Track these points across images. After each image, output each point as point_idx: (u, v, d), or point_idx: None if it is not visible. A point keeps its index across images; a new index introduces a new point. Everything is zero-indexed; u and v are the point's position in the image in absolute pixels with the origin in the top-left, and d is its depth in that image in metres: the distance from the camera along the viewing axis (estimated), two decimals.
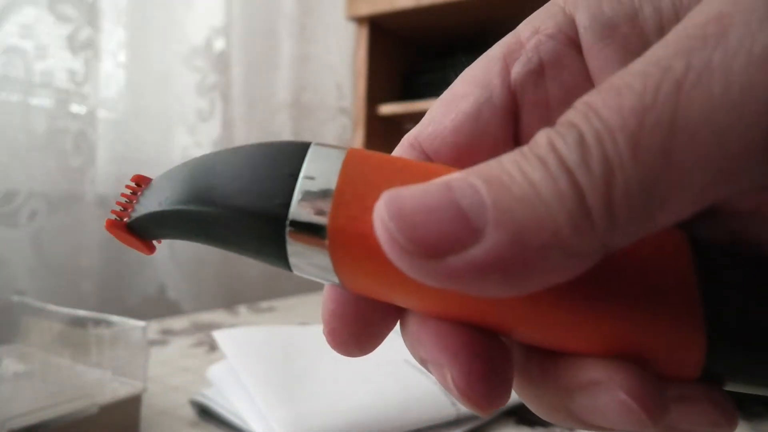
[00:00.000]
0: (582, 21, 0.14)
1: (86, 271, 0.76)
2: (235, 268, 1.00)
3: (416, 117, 1.03)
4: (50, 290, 0.72)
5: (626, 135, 0.10)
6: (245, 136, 1.02)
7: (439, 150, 0.15)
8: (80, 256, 0.75)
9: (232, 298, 0.97)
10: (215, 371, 0.41)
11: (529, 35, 0.15)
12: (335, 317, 0.14)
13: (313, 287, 1.04)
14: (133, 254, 0.86)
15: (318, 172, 0.13)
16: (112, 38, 0.82)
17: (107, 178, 0.81)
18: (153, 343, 0.59)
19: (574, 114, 0.11)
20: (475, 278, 0.11)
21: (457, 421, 0.37)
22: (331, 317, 0.14)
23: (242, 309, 0.80)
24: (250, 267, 1.04)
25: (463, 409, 0.37)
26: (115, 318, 0.37)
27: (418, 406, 0.36)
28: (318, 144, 0.14)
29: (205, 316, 0.74)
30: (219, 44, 0.91)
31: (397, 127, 1.10)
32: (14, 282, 0.68)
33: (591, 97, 0.11)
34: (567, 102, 0.13)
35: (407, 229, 0.11)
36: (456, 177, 0.11)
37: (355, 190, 0.13)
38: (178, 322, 0.70)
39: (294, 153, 0.14)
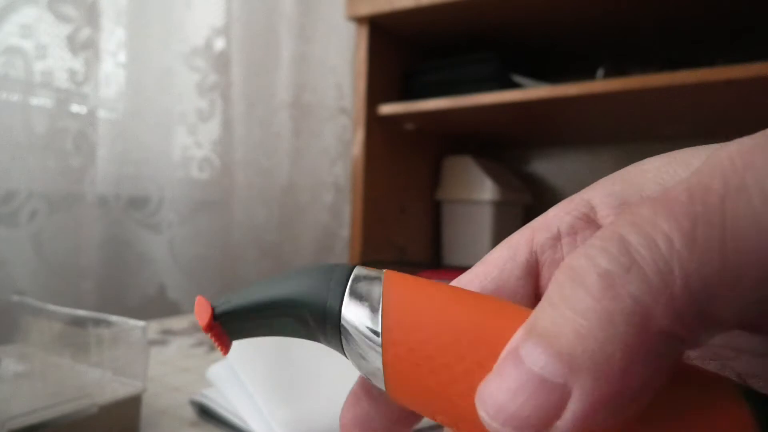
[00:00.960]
0: (596, 198, 0.17)
1: (86, 271, 0.76)
2: (235, 268, 1.00)
3: (416, 117, 1.03)
4: (50, 290, 0.72)
5: (682, 234, 0.11)
6: (245, 136, 1.02)
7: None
8: (80, 256, 0.75)
9: None
10: (215, 371, 0.41)
11: (554, 213, 0.18)
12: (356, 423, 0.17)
13: None
14: (133, 254, 0.86)
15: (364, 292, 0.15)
16: (112, 38, 0.82)
17: (107, 178, 0.81)
18: (153, 343, 0.59)
19: (613, 226, 0.12)
20: (590, 425, 0.11)
21: None
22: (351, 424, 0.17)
23: None
24: (249, 267, 1.04)
25: None
26: (115, 318, 0.37)
27: None
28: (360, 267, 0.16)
29: None
30: (219, 44, 0.91)
31: (397, 127, 1.10)
32: (14, 282, 0.68)
33: (634, 208, 0.12)
34: None
35: (508, 420, 0.12)
36: (519, 344, 0.12)
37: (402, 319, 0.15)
38: (178, 322, 0.70)
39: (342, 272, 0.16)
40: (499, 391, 0.12)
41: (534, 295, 0.17)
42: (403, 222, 1.12)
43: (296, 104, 1.11)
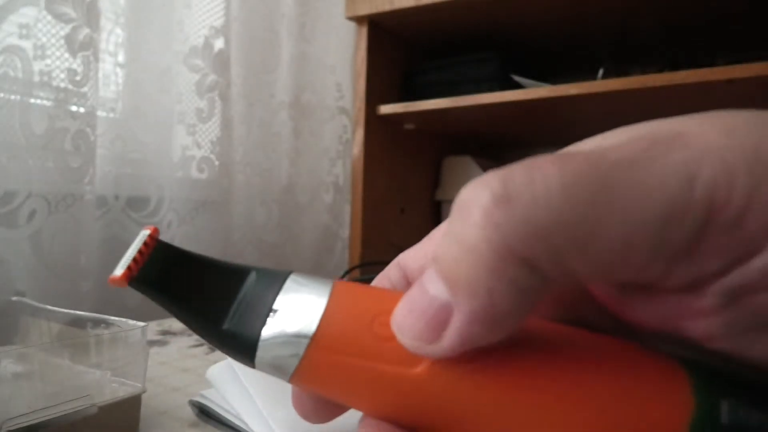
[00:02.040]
0: None
1: (85, 272, 0.76)
2: None
3: (416, 117, 1.03)
4: (50, 290, 0.71)
5: (563, 182, 0.12)
6: (245, 136, 1.02)
7: (411, 276, 0.19)
8: (80, 256, 0.75)
9: None
10: (215, 372, 0.40)
11: None
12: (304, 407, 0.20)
13: None
14: None
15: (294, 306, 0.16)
16: (111, 38, 0.82)
17: (106, 178, 0.81)
18: (153, 343, 0.59)
19: (509, 166, 0.13)
20: (470, 338, 0.13)
21: None
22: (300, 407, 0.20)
23: None
24: None
25: None
26: (114, 318, 0.37)
27: None
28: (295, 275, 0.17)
29: None
30: (218, 44, 0.91)
31: (397, 127, 1.10)
32: (14, 282, 0.68)
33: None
34: None
35: (406, 334, 0.14)
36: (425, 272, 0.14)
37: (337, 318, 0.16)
38: (177, 323, 0.70)
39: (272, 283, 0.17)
40: (402, 309, 0.14)
41: None
42: (403, 222, 1.12)
43: (296, 104, 1.11)
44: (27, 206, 0.69)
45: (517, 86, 0.94)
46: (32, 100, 0.69)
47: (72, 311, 0.38)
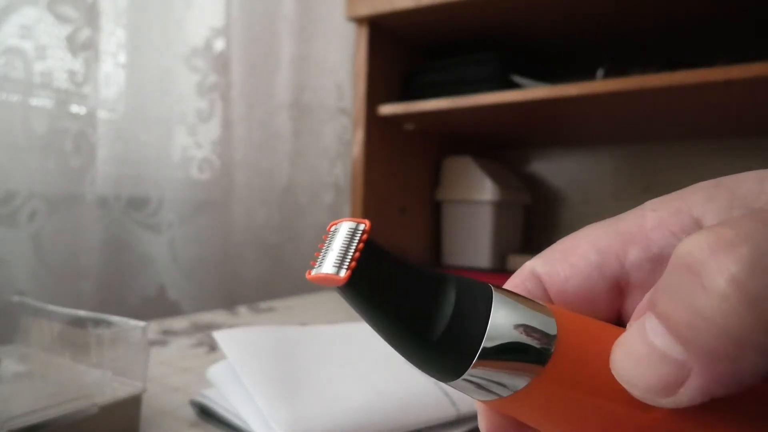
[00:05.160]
0: (699, 209, 0.16)
1: (86, 272, 0.76)
2: (235, 268, 1.00)
3: (416, 117, 1.03)
4: (50, 290, 0.72)
5: None
6: (245, 136, 1.02)
7: (552, 289, 0.17)
8: (80, 256, 0.75)
9: (232, 298, 0.97)
10: (215, 371, 0.41)
11: (654, 225, 0.16)
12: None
13: (312, 288, 1.04)
14: (133, 255, 0.86)
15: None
16: (112, 39, 0.82)
17: (107, 179, 0.81)
18: (153, 343, 0.59)
19: (744, 227, 0.13)
20: (710, 395, 0.13)
21: (457, 421, 0.37)
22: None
23: (242, 309, 0.80)
24: (250, 268, 1.04)
25: (463, 409, 0.37)
26: (115, 318, 0.37)
27: (418, 406, 0.36)
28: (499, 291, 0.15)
29: (205, 317, 0.74)
30: (219, 45, 0.91)
31: (397, 127, 1.10)
32: (14, 282, 0.68)
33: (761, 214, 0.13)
34: None
35: (635, 385, 0.14)
36: (645, 319, 0.14)
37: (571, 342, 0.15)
38: (178, 323, 0.70)
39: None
40: (626, 361, 0.14)
41: (617, 313, 0.17)
42: (403, 222, 1.12)
43: (296, 105, 1.11)
44: (28, 206, 0.69)
45: (517, 86, 0.94)
46: (33, 101, 0.69)
47: (73, 311, 0.38)
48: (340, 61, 1.19)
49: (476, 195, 1.14)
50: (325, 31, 1.16)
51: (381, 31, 1.03)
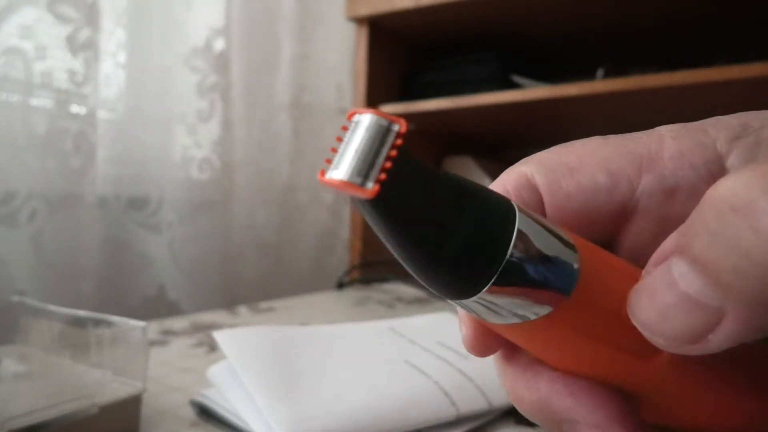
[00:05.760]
0: (735, 165, 0.15)
1: (86, 272, 0.76)
2: (235, 268, 1.00)
3: (416, 117, 1.03)
4: (50, 290, 0.72)
5: None
6: (245, 136, 1.02)
7: (550, 204, 0.16)
8: (80, 256, 0.75)
9: (232, 298, 0.97)
10: (215, 371, 0.41)
11: (673, 154, 0.15)
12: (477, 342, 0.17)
13: (312, 288, 1.04)
14: (133, 255, 0.86)
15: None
16: (112, 39, 0.82)
17: (107, 179, 0.81)
18: (153, 343, 0.59)
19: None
20: (739, 339, 0.12)
21: (457, 421, 0.37)
22: (474, 341, 0.17)
23: (242, 309, 0.80)
24: (250, 268, 1.04)
25: (463, 409, 0.37)
26: (115, 318, 0.37)
27: (418, 406, 0.36)
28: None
29: (205, 317, 0.74)
30: (219, 45, 0.91)
31: None
32: (14, 282, 0.68)
33: None
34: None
35: (661, 334, 0.13)
36: (671, 264, 0.13)
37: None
38: (178, 323, 0.70)
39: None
40: (651, 309, 0.13)
41: (611, 236, 0.16)
42: None
43: (296, 105, 1.11)
44: (28, 206, 0.69)
45: (517, 86, 0.94)
46: (33, 101, 0.69)
47: (73, 311, 0.38)
48: (340, 61, 1.19)
49: None
50: (325, 31, 1.16)
51: (381, 31, 1.03)
